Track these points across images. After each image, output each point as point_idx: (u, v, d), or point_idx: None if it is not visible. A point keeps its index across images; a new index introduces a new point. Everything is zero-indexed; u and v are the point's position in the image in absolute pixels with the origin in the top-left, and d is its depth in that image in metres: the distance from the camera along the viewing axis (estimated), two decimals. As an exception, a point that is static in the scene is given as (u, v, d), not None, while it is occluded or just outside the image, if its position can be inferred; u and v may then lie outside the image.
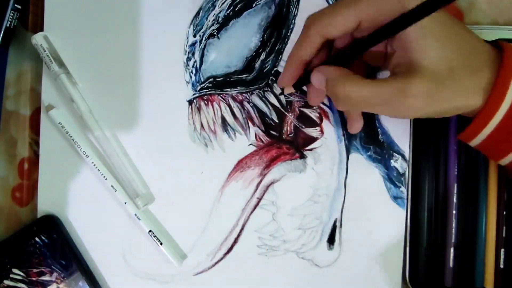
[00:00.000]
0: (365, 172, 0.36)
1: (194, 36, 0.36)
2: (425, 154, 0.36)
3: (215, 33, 0.36)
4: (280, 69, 0.36)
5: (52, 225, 0.35)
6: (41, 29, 0.36)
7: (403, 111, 0.28)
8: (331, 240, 0.36)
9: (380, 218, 0.36)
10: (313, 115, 0.36)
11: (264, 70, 0.36)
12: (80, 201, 0.36)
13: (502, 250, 0.34)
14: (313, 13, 0.29)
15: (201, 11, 0.36)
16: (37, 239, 0.35)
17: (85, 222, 0.36)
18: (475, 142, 0.29)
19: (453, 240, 0.35)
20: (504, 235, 0.34)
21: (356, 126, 0.34)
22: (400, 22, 0.25)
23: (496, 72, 0.27)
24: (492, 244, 0.34)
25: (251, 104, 0.36)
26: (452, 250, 0.35)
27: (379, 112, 0.29)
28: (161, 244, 0.35)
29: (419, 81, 0.26)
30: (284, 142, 0.36)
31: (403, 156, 0.36)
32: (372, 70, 0.34)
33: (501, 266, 0.34)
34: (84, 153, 0.35)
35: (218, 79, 0.36)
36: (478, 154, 0.34)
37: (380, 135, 0.36)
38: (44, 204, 0.36)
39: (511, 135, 0.28)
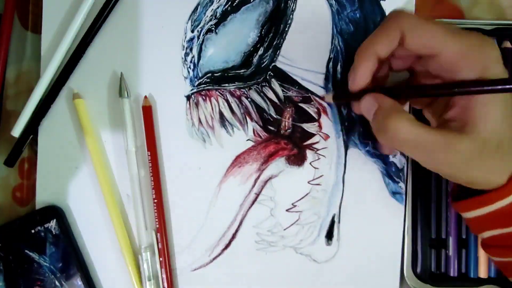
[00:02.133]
0: (364, 168, 0.36)
1: (192, 31, 0.36)
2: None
3: (213, 28, 0.36)
4: (279, 64, 0.36)
5: (54, 216, 0.35)
6: (41, 29, 0.36)
7: (439, 163, 0.28)
8: (329, 236, 0.36)
9: (378, 213, 0.36)
10: (311, 110, 0.36)
11: (262, 65, 0.36)
12: (80, 199, 0.36)
13: None
14: (399, 9, 0.29)
15: (199, 7, 0.36)
16: (39, 227, 0.35)
17: (85, 220, 0.36)
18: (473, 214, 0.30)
19: (452, 232, 0.35)
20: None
21: (388, 151, 0.35)
22: (480, 86, 0.25)
23: None
24: None
25: (249, 99, 0.36)
26: (451, 241, 0.35)
27: (414, 157, 0.29)
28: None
29: (469, 141, 0.26)
30: (282, 137, 0.36)
31: (401, 153, 0.36)
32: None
33: None
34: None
35: (216, 74, 0.36)
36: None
37: (378, 130, 0.36)
38: (43, 202, 0.36)
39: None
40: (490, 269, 0.35)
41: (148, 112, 0.35)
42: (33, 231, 0.35)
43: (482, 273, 0.34)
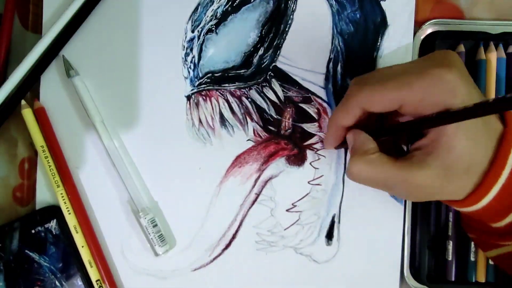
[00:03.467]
0: (364, 168, 0.36)
1: (193, 31, 0.36)
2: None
3: (213, 28, 0.36)
4: (279, 64, 0.36)
5: (54, 216, 0.35)
6: (41, 29, 0.36)
7: (402, 195, 0.32)
8: (329, 236, 0.36)
9: (378, 213, 0.36)
10: (311, 110, 0.36)
11: (263, 66, 0.36)
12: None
13: None
14: (358, 79, 0.30)
15: (199, 7, 0.36)
16: (39, 228, 0.35)
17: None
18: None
19: (450, 234, 0.35)
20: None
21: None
22: (447, 118, 0.26)
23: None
24: None
25: (249, 99, 0.36)
26: (451, 244, 0.35)
27: (381, 189, 0.31)
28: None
29: (427, 175, 0.27)
30: (282, 137, 0.36)
31: (401, 152, 0.36)
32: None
33: None
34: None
35: (216, 75, 0.36)
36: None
37: (378, 131, 0.36)
38: (43, 202, 0.36)
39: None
40: (488, 274, 0.35)
41: (42, 114, 0.35)
42: (33, 231, 0.35)
43: (480, 277, 0.34)
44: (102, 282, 0.34)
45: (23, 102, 0.35)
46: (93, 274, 0.34)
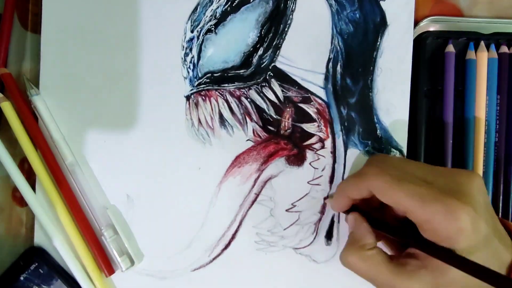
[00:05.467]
0: (363, 168, 0.36)
1: (192, 31, 0.36)
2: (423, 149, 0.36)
3: (213, 28, 0.36)
4: (278, 64, 0.36)
5: (39, 256, 0.35)
6: (41, 29, 0.36)
7: None
8: (328, 236, 0.36)
9: (378, 213, 0.36)
10: (311, 110, 0.36)
11: (262, 66, 0.36)
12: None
13: None
14: (380, 160, 0.32)
15: (198, 7, 0.36)
16: (25, 275, 0.34)
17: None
18: None
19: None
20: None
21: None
22: (447, 258, 0.26)
23: None
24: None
25: (248, 99, 0.36)
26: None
27: (369, 282, 0.30)
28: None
29: (420, 285, 0.27)
30: (282, 137, 0.36)
31: (400, 152, 0.36)
32: None
33: None
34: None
35: (215, 75, 0.36)
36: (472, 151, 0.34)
37: (378, 130, 0.36)
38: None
39: None
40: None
41: (9, 79, 0.35)
42: (22, 277, 0.35)
43: None
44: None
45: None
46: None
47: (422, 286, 0.27)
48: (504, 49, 0.35)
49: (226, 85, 0.36)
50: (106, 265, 0.35)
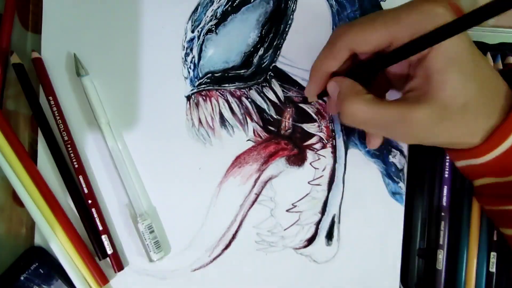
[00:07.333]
0: (364, 168, 0.36)
1: (192, 31, 0.36)
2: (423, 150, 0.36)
3: (213, 28, 0.36)
4: (279, 64, 0.36)
5: (39, 256, 0.35)
6: (41, 29, 0.36)
7: (403, 136, 0.29)
8: (329, 236, 0.36)
9: (378, 213, 0.36)
10: (311, 110, 0.36)
11: (262, 66, 0.36)
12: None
13: (493, 253, 0.34)
14: (342, 25, 0.29)
15: (199, 7, 0.36)
16: (25, 275, 0.34)
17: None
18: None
19: (441, 243, 0.35)
20: (495, 238, 0.34)
21: (374, 142, 0.33)
22: (426, 39, 0.24)
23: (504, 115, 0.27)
24: (474, 248, 0.34)
25: (249, 99, 0.36)
26: (442, 253, 0.34)
27: (379, 133, 0.30)
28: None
29: (426, 110, 0.26)
30: (282, 137, 0.36)
31: (401, 152, 0.36)
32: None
33: (492, 270, 0.34)
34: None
35: (216, 75, 0.36)
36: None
37: (378, 131, 0.36)
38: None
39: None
40: (477, 285, 0.34)
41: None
42: (22, 277, 0.34)
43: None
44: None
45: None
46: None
47: (430, 109, 0.26)
48: (510, 60, 0.34)
49: (227, 85, 0.36)
50: (100, 275, 0.35)
